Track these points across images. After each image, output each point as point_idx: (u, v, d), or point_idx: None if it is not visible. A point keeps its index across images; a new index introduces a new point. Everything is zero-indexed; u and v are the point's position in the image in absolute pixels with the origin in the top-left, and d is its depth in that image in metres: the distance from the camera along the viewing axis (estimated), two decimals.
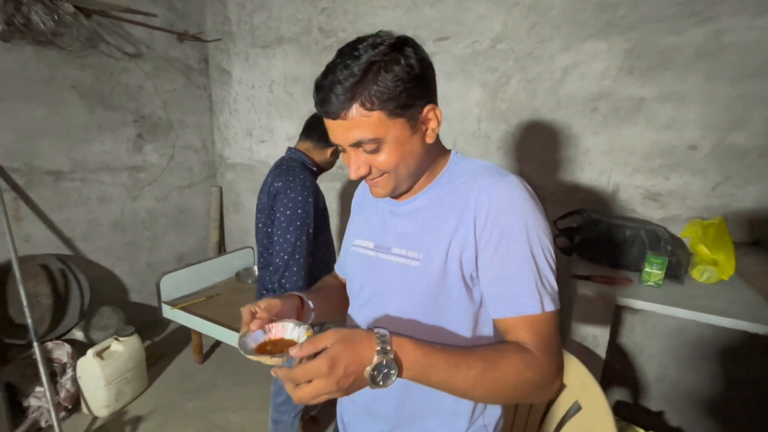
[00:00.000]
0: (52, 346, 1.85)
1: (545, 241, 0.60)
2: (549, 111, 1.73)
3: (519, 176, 0.64)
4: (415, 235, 0.68)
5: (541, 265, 0.59)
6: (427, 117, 0.62)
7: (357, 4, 2.08)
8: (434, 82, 0.63)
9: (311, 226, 1.26)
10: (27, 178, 1.92)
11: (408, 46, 0.59)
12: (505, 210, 0.60)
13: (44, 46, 1.87)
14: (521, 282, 0.59)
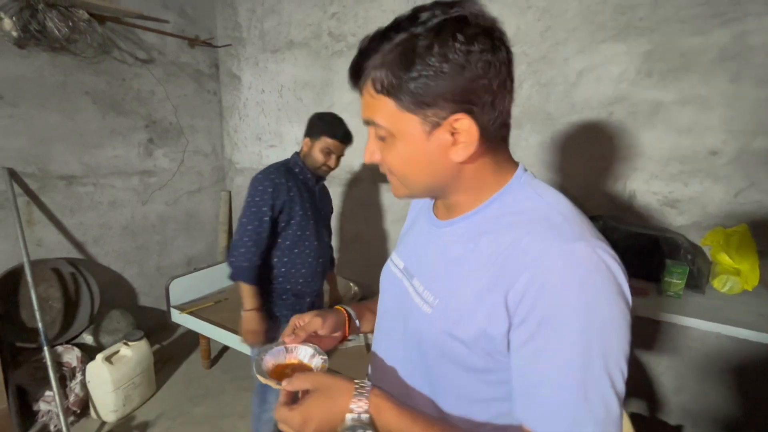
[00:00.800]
0: (62, 350, 1.85)
1: (614, 348, 0.42)
2: (563, 115, 1.69)
3: (597, 243, 0.44)
4: (438, 273, 0.55)
5: (594, 379, 0.42)
6: (455, 127, 0.47)
7: (367, 8, 2.07)
8: (483, 83, 0.45)
9: (267, 215, 1.32)
10: (40, 182, 1.94)
11: (462, 31, 0.44)
12: (552, 289, 0.43)
13: (59, 52, 1.90)
14: (554, 391, 0.43)
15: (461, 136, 0.47)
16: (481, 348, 0.49)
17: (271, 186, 1.33)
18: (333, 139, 1.37)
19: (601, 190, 1.66)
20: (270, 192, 1.32)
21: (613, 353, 0.42)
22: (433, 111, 0.46)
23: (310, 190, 1.46)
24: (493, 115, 0.47)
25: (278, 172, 1.38)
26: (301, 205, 1.40)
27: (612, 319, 0.43)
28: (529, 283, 0.43)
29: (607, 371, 0.42)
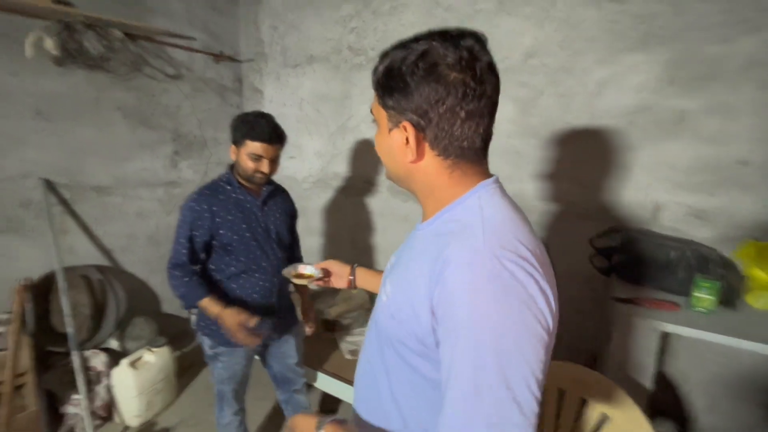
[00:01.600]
0: (89, 355, 1.91)
1: (512, 354, 0.44)
2: (583, 125, 1.67)
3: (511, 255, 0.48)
4: (400, 268, 0.62)
5: (488, 383, 0.44)
6: (404, 130, 0.56)
7: (386, 22, 2.12)
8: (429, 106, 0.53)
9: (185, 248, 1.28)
10: (73, 193, 2.03)
11: (426, 56, 0.52)
12: (454, 296, 0.47)
13: (93, 70, 2.00)
14: (451, 390, 0.47)
15: (409, 142, 0.56)
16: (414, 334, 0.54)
17: (191, 215, 1.26)
18: (258, 142, 1.23)
19: (623, 201, 1.63)
20: (189, 222, 1.26)
21: (512, 362, 0.44)
22: (394, 113, 0.57)
23: (246, 209, 1.33)
24: (439, 133, 0.54)
25: (201, 197, 1.28)
26: (234, 229, 1.30)
27: (507, 326, 0.45)
28: (440, 291, 0.49)
29: (503, 377, 0.44)
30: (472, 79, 0.52)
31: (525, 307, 0.46)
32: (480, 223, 0.52)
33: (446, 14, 1.94)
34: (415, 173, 0.59)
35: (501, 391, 0.44)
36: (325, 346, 1.93)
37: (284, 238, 1.45)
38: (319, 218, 2.60)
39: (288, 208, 1.51)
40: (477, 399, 0.45)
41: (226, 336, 1.26)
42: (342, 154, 2.42)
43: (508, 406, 0.44)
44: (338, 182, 2.48)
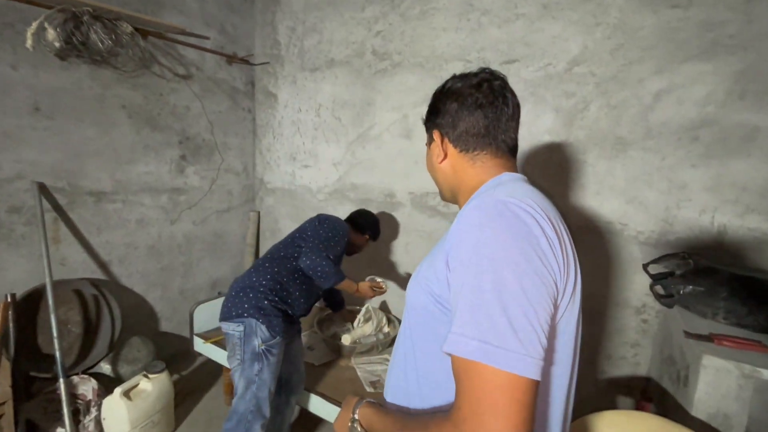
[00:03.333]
0: (77, 381, 1.70)
1: (508, 280, 0.48)
2: (636, 140, 1.53)
3: (510, 200, 0.54)
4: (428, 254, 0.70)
5: (486, 304, 0.47)
6: (434, 138, 0.73)
7: (415, 26, 1.99)
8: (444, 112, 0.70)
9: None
10: (69, 198, 1.85)
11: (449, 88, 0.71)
12: (459, 237, 0.54)
13: (99, 65, 1.84)
14: (456, 316, 0.50)
15: (437, 144, 0.73)
16: (435, 295, 0.59)
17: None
18: (371, 241, 1.83)
19: (684, 223, 1.48)
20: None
21: (507, 287, 0.47)
22: (429, 132, 0.76)
23: None
24: (455, 131, 0.70)
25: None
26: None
27: (506, 256, 0.49)
28: (453, 237, 0.55)
29: (499, 301, 0.47)
30: (479, 90, 0.68)
31: (527, 244, 0.50)
32: (494, 189, 0.61)
33: (482, 18, 1.82)
34: (447, 172, 0.73)
35: (497, 314, 0.47)
36: (343, 375, 1.74)
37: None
38: None
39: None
40: (473, 319, 0.48)
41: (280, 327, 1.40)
42: (361, 164, 2.26)
43: (504, 329, 0.46)
44: (356, 194, 2.31)
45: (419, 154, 2.05)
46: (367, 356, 1.85)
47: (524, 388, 0.45)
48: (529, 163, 1.76)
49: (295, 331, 1.57)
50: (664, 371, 1.39)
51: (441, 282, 0.57)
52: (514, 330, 0.46)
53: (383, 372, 1.75)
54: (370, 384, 1.68)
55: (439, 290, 0.58)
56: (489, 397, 0.45)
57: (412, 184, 2.09)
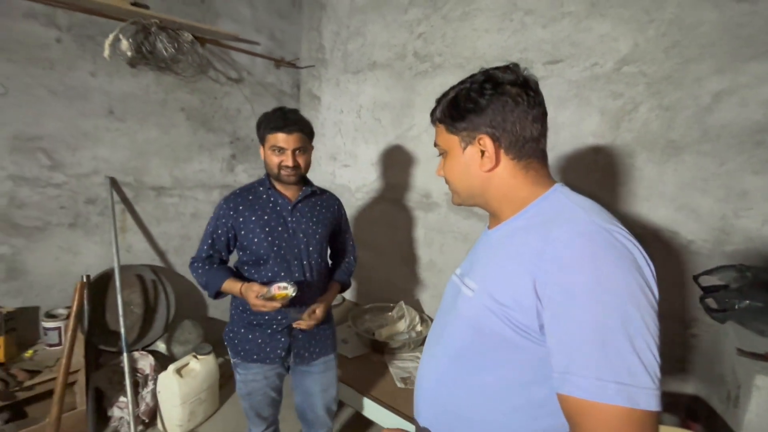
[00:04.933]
0: (137, 356, 1.89)
1: (633, 316, 0.47)
2: (691, 144, 1.44)
3: (612, 227, 0.52)
4: (482, 266, 0.67)
5: (615, 343, 0.46)
6: (480, 144, 0.64)
7: (457, 28, 1.99)
8: (500, 116, 0.63)
9: (206, 244, 1.29)
10: (135, 192, 2.05)
11: (490, 82, 0.63)
12: (568, 268, 0.50)
13: (163, 71, 2.03)
14: (578, 356, 0.48)
15: (486, 152, 0.64)
16: (511, 320, 0.56)
17: (216, 213, 1.27)
18: (275, 132, 1.17)
19: (742, 233, 1.37)
20: (214, 220, 1.27)
21: (634, 323, 0.46)
22: (467, 132, 0.66)
23: (275, 211, 1.24)
24: (513, 138, 0.63)
25: (231, 196, 1.27)
26: (255, 231, 1.21)
27: (629, 292, 0.48)
28: (551, 263, 0.51)
29: (628, 339, 0.46)
30: (529, 90, 0.63)
31: (639, 276, 0.49)
32: (578, 208, 0.57)
33: (526, 18, 1.78)
34: (492, 180, 0.66)
35: (628, 353, 0.46)
36: (374, 369, 1.79)
37: (316, 246, 1.29)
38: (370, 230, 2.49)
39: (328, 213, 1.36)
40: (606, 361, 0.46)
41: (241, 346, 1.28)
42: (399, 165, 2.30)
43: (636, 368, 0.45)
44: (394, 194, 2.35)
45: None
46: (399, 353, 1.89)
47: (653, 421, 0.46)
48: (571, 167, 1.71)
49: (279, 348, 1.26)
50: (713, 390, 1.30)
51: (525, 310, 0.54)
52: (645, 367, 0.46)
53: (414, 369, 1.78)
54: (401, 380, 1.72)
55: (524, 318, 0.55)
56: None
57: None
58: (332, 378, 1.40)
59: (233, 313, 1.34)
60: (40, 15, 1.63)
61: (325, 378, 1.37)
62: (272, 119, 1.19)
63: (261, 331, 1.27)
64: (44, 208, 1.76)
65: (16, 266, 1.72)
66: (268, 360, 1.27)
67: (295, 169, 1.21)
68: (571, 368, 0.48)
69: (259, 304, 1.11)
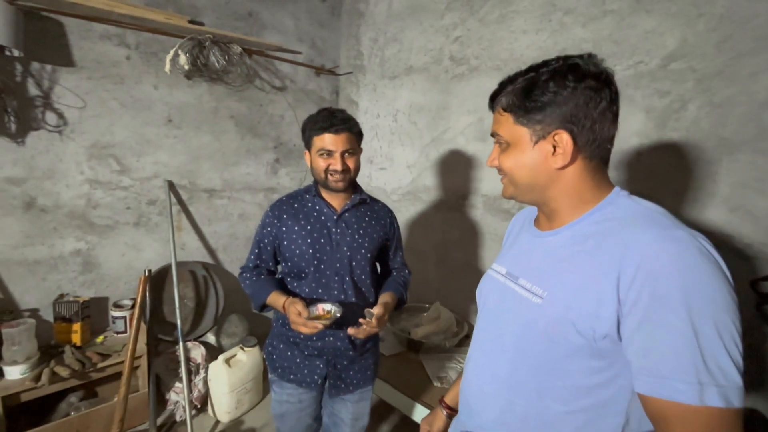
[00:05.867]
0: (191, 346, 2.04)
1: (724, 320, 0.48)
2: (746, 142, 1.37)
3: (696, 233, 0.52)
4: (546, 272, 0.64)
5: (710, 346, 0.47)
6: (555, 140, 0.61)
7: (494, 30, 2.00)
8: (583, 111, 0.59)
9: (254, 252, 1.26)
10: (190, 194, 2.22)
11: (573, 73, 0.59)
12: (660, 273, 0.49)
13: (215, 82, 2.19)
14: (674, 361, 0.49)
15: (560, 148, 0.61)
16: (591, 330, 0.55)
17: (263, 221, 1.23)
18: (322, 134, 1.09)
19: None
20: (261, 228, 1.24)
21: (726, 327, 0.48)
22: (541, 126, 0.62)
23: (320, 221, 1.17)
24: (591, 136, 0.60)
25: (277, 203, 1.23)
26: (297, 242, 1.15)
27: (720, 297, 0.48)
28: (639, 268, 0.50)
29: (722, 342, 0.47)
30: (612, 85, 0.60)
31: (726, 281, 0.50)
32: (652, 211, 0.58)
33: (566, 18, 1.77)
34: (560, 179, 0.63)
35: (723, 357, 0.47)
36: (410, 367, 1.83)
37: (360, 262, 1.19)
38: (406, 232, 2.53)
39: (377, 225, 1.25)
40: (704, 366, 0.47)
41: (279, 362, 1.22)
42: (435, 167, 2.33)
43: (732, 370, 0.47)
44: (429, 196, 2.39)
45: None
46: (435, 352, 1.91)
47: (740, 416, 0.48)
48: (614, 168, 1.67)
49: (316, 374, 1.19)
50: None
51: (606, 318, 0.53)
52: (736, 366, 0.48)
53: (449, 369, 1.80)
54: (437, 378, 1.74)
55: (602, 327, 0.54)
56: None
57: (485, 186, 2.10)
58: (366, 408, 1.31)
59: (275, 326, 1.28)
60: (114, 36, 1.83)
61: (358, 408, 1.28)
62: (318, 120, 1.12)
63: (300, 351, 1.20)
64: (114, 208, 1.96)
65: (91, 260, 1.93)
66: (304, 383, 1.20)
67: (344, 173, 1.12)
68: (667, 373, 0.49)
69: (299, 323, 1.02)
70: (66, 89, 1.74)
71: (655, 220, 0.55)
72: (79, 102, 1.78)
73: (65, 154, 1.79)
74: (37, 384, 1.55)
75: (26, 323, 1.59)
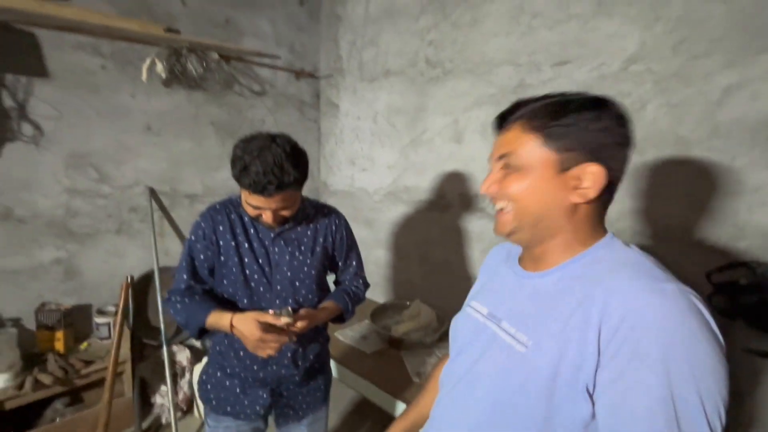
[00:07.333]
0: (176, 350, 2.08)
1: (708, 386, 0.44)
2: (701, 140, 1.43)
3: (686, 289, 0.49)
4: (530, 316, 0.60)
5: (689, 413, 0.44)
6: (584, 173, 0.56)
7: (467, 33, 2.04)
8: (618, 150, 0.58)
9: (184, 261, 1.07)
10: (171, 200, 2.24)
11: (606, 106, 0.57)
12: (643, 327, 0.46)
13: (193, 89, 2.21)
14: (645, 424, 0.45)
15: (586, 182, 0.56)
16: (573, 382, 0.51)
17: (194, 234, 1.06)
18: (251, 193, 0.94)
19: (757, 229, 1.35)
20: (190, 243, 1.07)
21: (709, 393, 0.44)
22: (571, 155, 0.56)
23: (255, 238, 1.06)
24: (620, 174, 0.58)
25: (209, 212, 1.08)
26: (233, 260, 1.03)
27: (707, 360, 0.45)
28: (623, 319, 0.47)
29: (704, 414, 0.43)
30: (628, 125, 0.58)
31: (715, 342, 0.46)
32: (644, 259, 0.55)
33: (533, 21, 1.81)
34: (567, 215, 0.59)
35: (702, 426, 0.44)
36: (391, 364, 1.88)
37: (305, 279, 1.09)
38: (388, 231, 2.58)
39: (320, 237, 1.14)
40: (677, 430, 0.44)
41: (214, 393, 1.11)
42: (414, 168, 2.38)
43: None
44: (409, 196, 2.43)
45: (468, 157, 2.10)
46: (415, 348, 1.96)
47: None
48: None
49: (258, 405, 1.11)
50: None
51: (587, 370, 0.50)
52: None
53: (429, 364, 1.85)
54: (417, 374, 1.79)
55: (584, 378, 0.50)
56: None
57: (462, 186, 2.15)
58: (321, 428, 1.25)
59: (210, 354, 1.16)
60: (87, 46, 1.84)
61: (312, 430, 1.22)
62: (250, 173, 0.90)
63: (240, 381, 1.09)
64: (94, 216, 1.98)
65: (72, 268, 1.94)
66: (243, 415, 1.10)
67: (279, 224, 1.04)
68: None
69: (269, 339, 0.90)
70: (41, 100, 1.75)
71: (646, 269, 0.52)
72: (55, 112, 1.79)
73: (42, 165, 1.80)
74: (20, 392, 1.57)
75: (7, 333, 1.61)
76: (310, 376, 1.16)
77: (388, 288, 2.66)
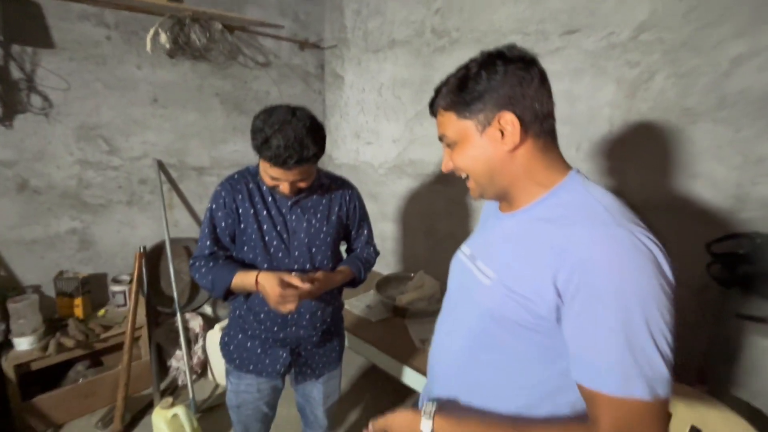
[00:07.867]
0: (189, 317, 2.16)
1: (654, 315, 0.50)
2: (707, 111, 1.43)
3: (635, 228, 0.54)
4: (498, 253, 0.67)
5: (639, 341, 0.50)
6: (501, 123, 0.61)
7: (473, 2, 2.00)
8: (519, 90, 0.61)
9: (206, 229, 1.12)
10: (179, 172, 2.28)
11: (500, 59, 0.62)
12: (595, 268, 0.52)
13: (198, 60, 2.19)
14: (604, 354, 0.52)
15: (507, 130, 0.61)
16: (532, 311, 0.58)
17: (215, 203, 1.10)
18: (272, 165, 0.97)
19: (759, 201, 1.37)
20: (211, 211, 1.11)
21: (655, 321, 0.50)
22: (483, 114, 0.62)
23: (277, 208, 1.10)
24: (533, 113, 0.61)
25: (228, 182, 1.12)
26: (253, 227, 1.07)
27: (651, 292, 0.51)
28: (576, 265, 0.53)
29: (651, 336, 0.50)
30: (537, 65, 0.63)
31: (660, 275, 0.52)
32: (598, 204, 0.58)
33: None
34: (513, 162, 0.63)
35: (651, 349, 0.50)
36: (396, 331, 1.95)
37: (321, 246, 1.14)
38: (394, 204, 2.61)
39: (335, 206, 1.18)
40: (632, 359, 0.50)
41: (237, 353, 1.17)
42: (419, 141, 2.38)
43: (659, 363, 0.50)
44: (414, 169, 2.45)
45: None
46: (419, 317, 2.04)
47: (666, 406, 0.52)
48: (587, 139, 1.73)
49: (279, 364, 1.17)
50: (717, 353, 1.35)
51: (545, 302, 0.56)
52: (664, 359, 0.50)
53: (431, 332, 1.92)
54: (420, 341, 1.87)
55: (542, 310, 0.57)
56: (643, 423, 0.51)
57: None
58: (335, 386, 1.33)
59: (231, 317, 1.22)
60: (91, 16, 1.83)
61: (328, 387, 1.30)
62: (271, 146, 0.94)
63: (261, 342, 1.16)
64: (105, 188, 2.02)
65: (87, 238, 2.00)
66: (264, 373, 1.17)
67: (296, 194, 1.08)
68: (598, 365, 0.52)
69: (288, 295, 0.95)
70: (48, 71, 1.76)
71: (598, 214, 0.56)
72: (63, 83, 1.80)
73: (53, 136, 1.83)
74: (45, 354, 1.66)
75: (29, 298, 1.69)
76: (326, 337, 1.23)
77: (393, 260, 2.71)
